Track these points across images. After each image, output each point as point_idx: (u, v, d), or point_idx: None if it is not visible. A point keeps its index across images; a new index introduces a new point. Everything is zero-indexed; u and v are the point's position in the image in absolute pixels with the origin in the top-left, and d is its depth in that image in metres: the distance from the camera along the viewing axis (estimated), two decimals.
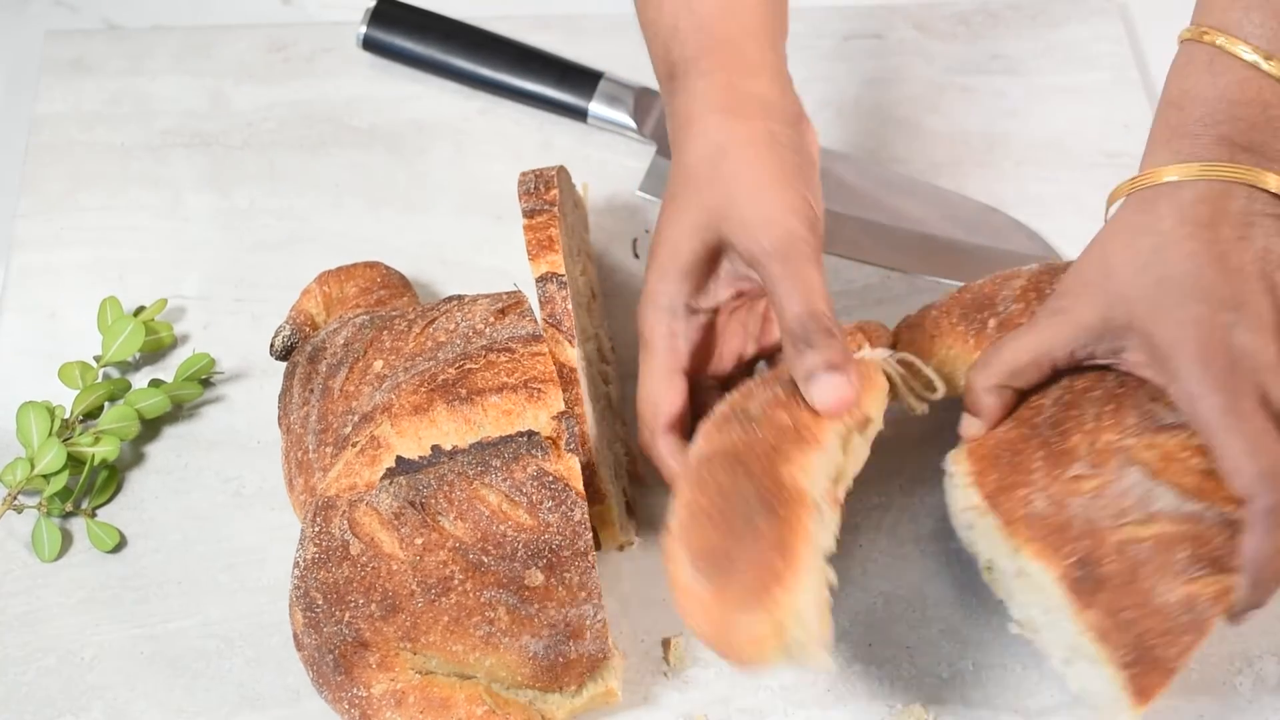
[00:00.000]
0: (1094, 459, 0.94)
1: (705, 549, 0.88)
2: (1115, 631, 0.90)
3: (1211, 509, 0.91)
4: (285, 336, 1.10)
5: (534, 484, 0.94)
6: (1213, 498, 0.91)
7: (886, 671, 1.02)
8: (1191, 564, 0.90)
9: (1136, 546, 0.91)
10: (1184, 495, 0.91)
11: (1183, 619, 0.90)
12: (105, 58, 1.34)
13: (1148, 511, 0.91)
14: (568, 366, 1.01)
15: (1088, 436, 0.95)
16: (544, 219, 1.06)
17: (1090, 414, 0.96)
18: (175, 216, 1.25)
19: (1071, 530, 0.92)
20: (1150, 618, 0.90)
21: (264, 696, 1.02)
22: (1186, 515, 0.91)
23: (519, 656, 0.94)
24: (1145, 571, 0.90)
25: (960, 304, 1.07)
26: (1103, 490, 0.93)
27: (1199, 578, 0.90)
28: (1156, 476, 0.92)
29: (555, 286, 1.03)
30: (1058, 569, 0.92)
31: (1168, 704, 1.00)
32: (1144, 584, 0.90)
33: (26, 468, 1.07)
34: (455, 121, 1.31)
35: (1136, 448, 0.93)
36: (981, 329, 1.05)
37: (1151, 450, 0.93)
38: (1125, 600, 0.90)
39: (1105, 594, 0.91)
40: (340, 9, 1.39)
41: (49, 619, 1.05)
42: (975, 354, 1.04)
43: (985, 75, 1.33)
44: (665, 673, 1.03)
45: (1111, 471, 0.93)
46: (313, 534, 0.96)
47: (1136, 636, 0.90)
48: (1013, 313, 1.05)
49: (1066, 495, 0.93)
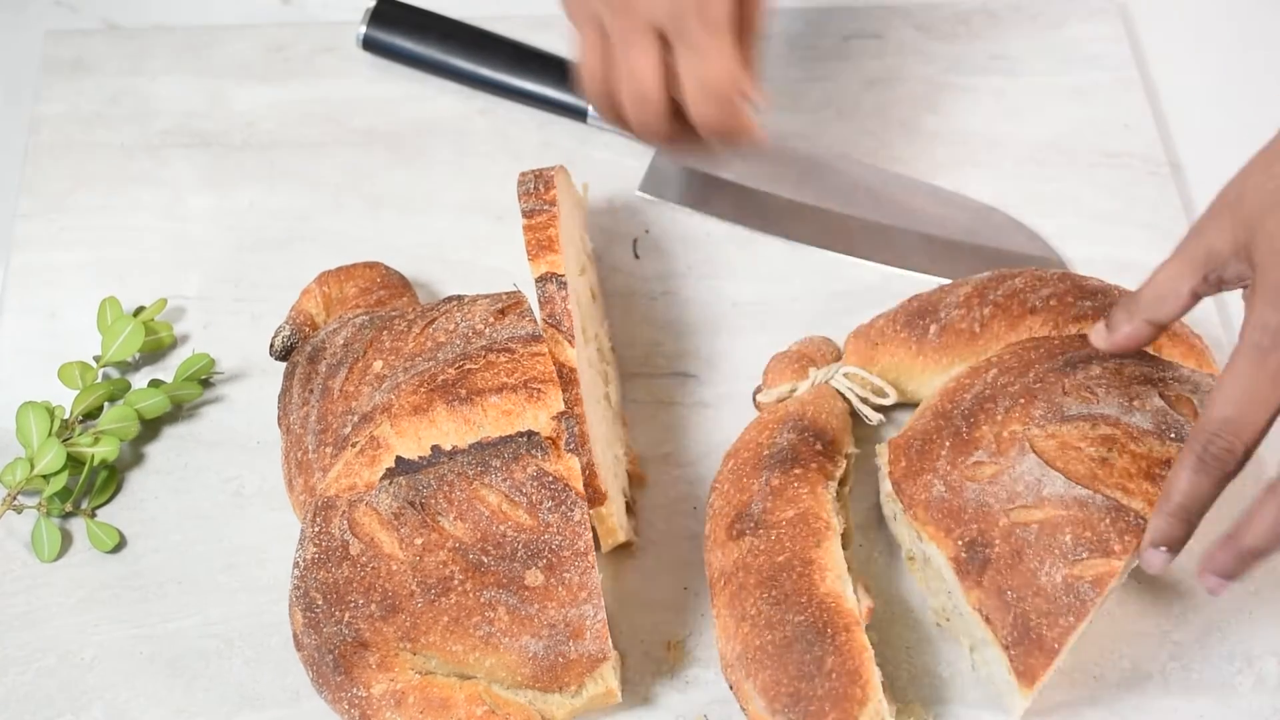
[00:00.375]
0: (996, 447, 0.97)
1: (780, 694, 0.94)
2: (999, 611, 0.94)
3: (1098, 495, 0.93)
4: (285, 336, 1.10)
5: (534, 484, 0.94)
6: (1102, 485, 0.94)
7: (886, 672, 1.02)
8: (1075, 547, 0.93)
9: (1024, 529, 0.94)
10: (1073, 481, 0.94)
11: (1064, 600, 0.92)
12: (105, 58, 1.34)
13: (1038, 496, 0.94)
14: (567, 366, 1.01)
15: (995, 427, 0.98)
16: (544, 219, 1.06)
17: (1003, 406, 0.99)
18: (175, 216, 1.25)
19: (965, 514, 0.96)
20: (1033, 598, 0.93)
21: (264, 696, 1.02)
22: (1074, 500, 0.94)
23: (519, 656, 0.94)
24: (1030, 553, 0.94)
25: (906, 311, 1.10)
26: (998, 476, 0.96)
27: (1081, 560, 0.93)
28: (1051, 464, 0.95)
29: (555, 286, 1.03)
30: (950, 550, 0.96)
31: (1168, 704, 1.01)
32: (1028, 565, 0.93)
33: (26, 468, 1.07)
34: (455, 121, 1.31)
35: (1037, 437, 0.96)
36: (923, 335, 1.08)
37: (1051, 440, 0.96)
38: (1010, 580, 0.94)
39: (991, 574, 0.94)
40: (340, 9, 1.39)
41: (49, 619, 1.05)
42: (917, 360, 1.08)
43: (985, 75, 1.33)
44: (665, 673, 1.03)
45: (1010, 459, 0.96)
46: (313, 534, 0.96)
47: (1019, 616, 0.93)
48: (954, 318, 1.08)
49: (964, 481, 0.97)
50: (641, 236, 1.24)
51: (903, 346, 1.09)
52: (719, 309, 1.20)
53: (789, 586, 0.97)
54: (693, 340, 1.18)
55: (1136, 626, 1.04)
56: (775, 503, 1.01)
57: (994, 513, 0.96)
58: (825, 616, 0.96)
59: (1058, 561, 0.93)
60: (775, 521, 1.00)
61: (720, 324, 1.19)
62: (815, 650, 0.95)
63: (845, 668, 0.94)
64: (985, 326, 1.07)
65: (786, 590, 0.97)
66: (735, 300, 1.20)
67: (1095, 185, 1.26)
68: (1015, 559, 0.94)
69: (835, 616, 0.96)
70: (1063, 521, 0.94)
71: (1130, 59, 1.33)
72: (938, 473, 0.99)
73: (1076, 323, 1.05)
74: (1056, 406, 0.97)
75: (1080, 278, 1.09)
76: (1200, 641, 1.03)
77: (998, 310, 1.07)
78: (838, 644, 0.95)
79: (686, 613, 1.05)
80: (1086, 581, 0.93)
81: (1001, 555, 0.95)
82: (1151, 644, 1.03)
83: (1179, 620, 1.04)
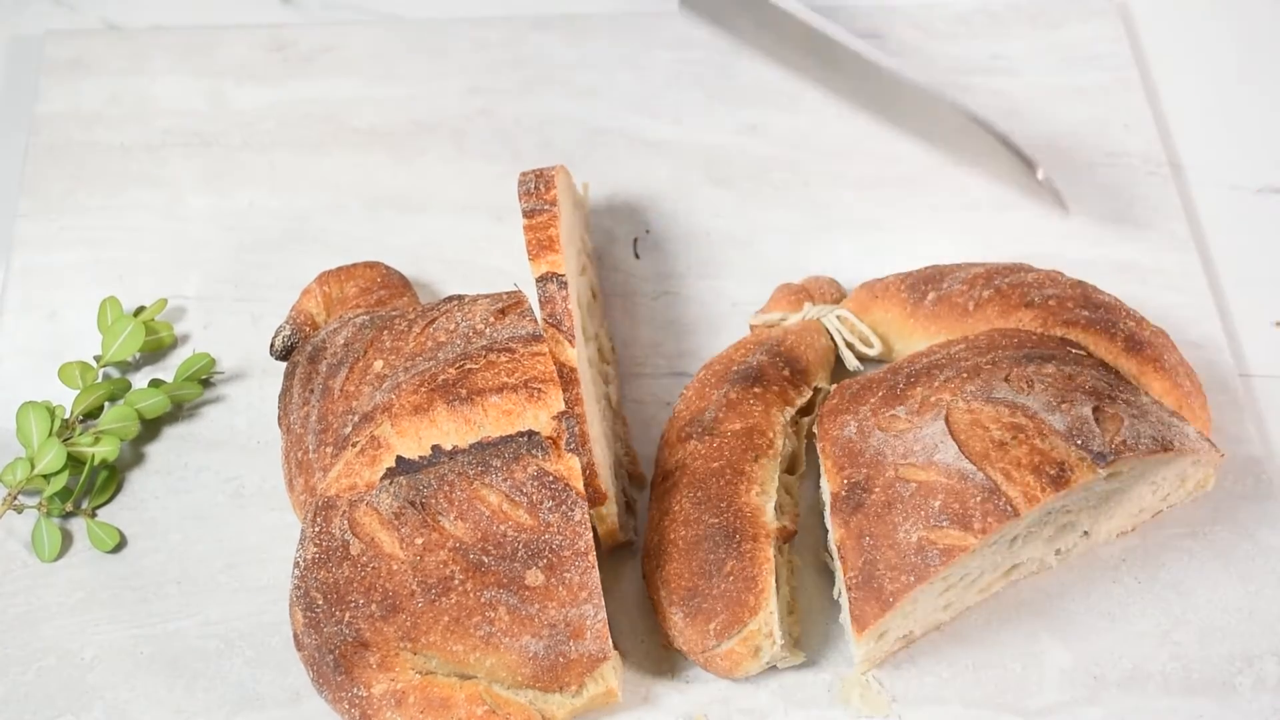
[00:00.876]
0: (918, 407, 1.00)
1: (680, 586, 1.00)
2: (854, 554, 0.97)
3: (980, 473, 0.96)
4: (285, 336, 1.10)
5: (534, 484, 0.94)
6: (989, 465, 0.96)
7: (886, 671, 1.02)
8: (940, 514, 0.95)
9: (903, 485, 0.98)
10: (964, 455, 0.96)
11: (911, 560, 0.96)
12: (105, 58, 1.34)
13: (929, 459, 0.97)
14: (568, 366, 1.01)
15: (928, 390, 1.01)
16: (544, 219, 1.06)
17: (943, 376, 1.01)
18: (175, 216, 1.25)
19: (861, 457, 1.00)
20: (886, 550, 0.97)
21: (264, 696, 1.02)
22: (957, 471, 0.96)
23: (519, 656, 0.94)
24: (899, 508, 0.97)
25: (915, 275, 1.13)
26: (905, 433, 0.99)
27: (940, 528, 0.95)
28: (954, 433, 0.97)
29: (555, 286, 1.03)
30: (834, 485, 1.00)
31: (1168, 704, 1.01)
32: (894, 519, 0.97)
33: (26, 468, 1.07)
34: (455, 121, 1.31)
35: (956, 408, 0.99)
36: (920, 300, 1.11)
37: (966, 414, 0.98)
38: (872, 528, 0.98)
39: (859, 518, 0.98)
40: (340, 9, 1.39)
41: (49, 619, 1.05)
42: (909, 321, 1.11)
43: (985, 75, 1.33)
44: (665, 673, 1.03)
45: (923, 420, 0.99)
46: (313, 534, 0.96)
47: (868, 563, 0.96)
48: (953, 292, 1.10)
49: (875, 428, 1.00)
50: (642, 236, 1.24)
51: (899, 305, 1.12)
52: (719, 309, 1.20)
53: (714, 490, 1.02)
54: (693, 340, 1.18)
55: (1136, 627, 1.04)
56: (727, 414, 1.05)
57: (886, 463, 0.99)
58: (739, 524, 1.00)
59: (920, 523, 0.96)
60: (722, 431, 1.04)
61: (720, 324, 1.19)
62: (720, 552, 0.99)
63: (744, 574, 0.99)
64: (979, 307, 1.09)
65: (712, 493, 1.02)
66: (735, 300, 1.20)
67: (1095, 185, 1.26)
68: (885, 510, 0.97)
69: (748, 525, 1.00)
70: (939, 488, 0.96)
71: (1130, 59, 1.33)
72: (857, 415, 1.02)
73: (1065, 327, 1.07)
74: (988, 387, 0.99)
75: (1093, 289, 1.10)
76: (1200, 641, 1.03)
77: (996, 295, 1.09)
78: (742, 550, 0.99)
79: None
80: (938, 549, 0.95)
81: (875, 503, 0.98)
82: (1151, 644, 1.03)
83: (1179, 620, 1.04)
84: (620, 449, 1.10)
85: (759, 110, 1.30)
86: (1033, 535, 1.01)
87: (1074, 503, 1.00)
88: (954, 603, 1.02)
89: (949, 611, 1.02)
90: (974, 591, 1.02)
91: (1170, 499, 1.06)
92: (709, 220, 1.25)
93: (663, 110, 1.31)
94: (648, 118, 1.30)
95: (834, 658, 1.03)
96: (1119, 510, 1.03)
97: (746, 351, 1.10)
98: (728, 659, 0.99)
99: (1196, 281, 1.20)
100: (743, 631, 0.98)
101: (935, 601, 1.00)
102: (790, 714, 1.01)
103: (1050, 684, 1.02)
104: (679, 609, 0.99)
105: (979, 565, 0.99)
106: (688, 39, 1.35)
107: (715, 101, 1.32)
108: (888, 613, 0.96)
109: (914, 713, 1.01)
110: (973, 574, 1.00)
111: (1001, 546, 0.99)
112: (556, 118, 1.30)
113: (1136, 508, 1.04)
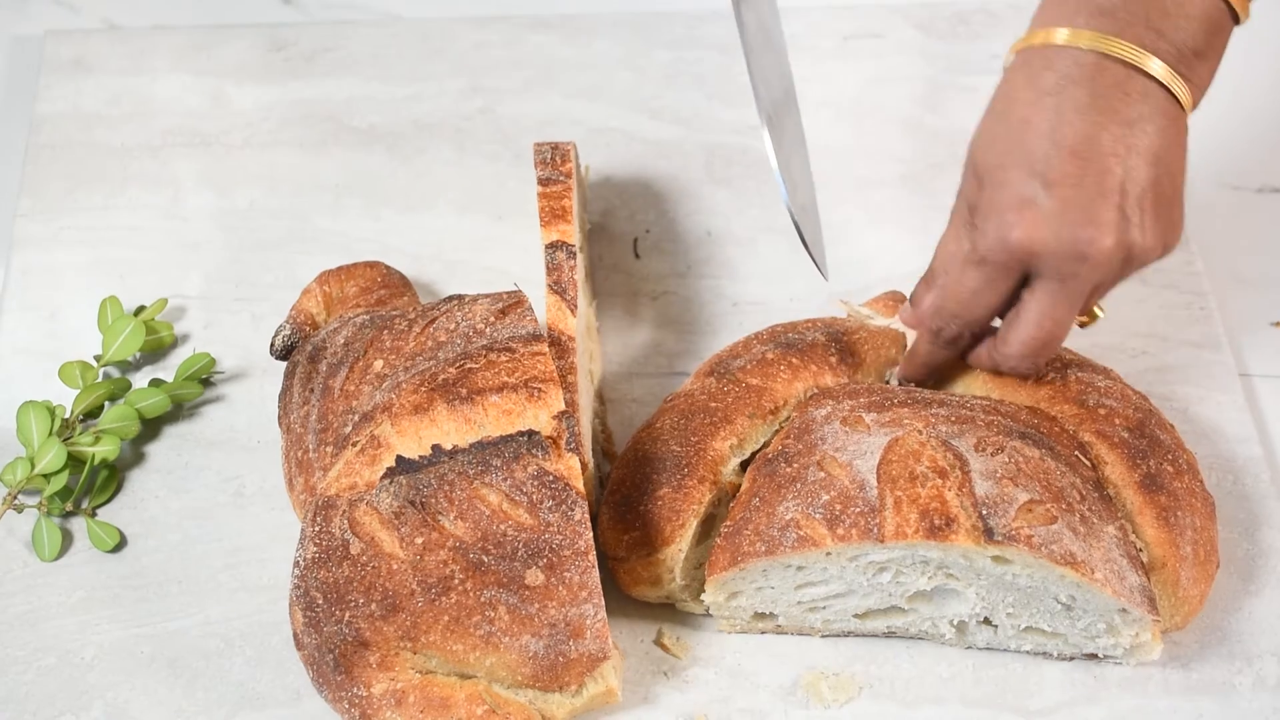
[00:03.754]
0: (886, 422, 1.01)
1: (619, 489, 1.03)
2: (740, 506, 1.01)
3: (875, 491, 0.97)
4: (285, 336, 1.10)
5: (534, 483, 0.94)
6: (889, 489, 0.97)
7: (886, 671, 1.02)
8: (819, 506, 0.98)
9: (814, 471, 0.99)
10: (877, 470, 0.98)
11: (771, 532, 0.98)
12: (105, 58, 1.34)
13: (850, 461, 0.98)
14: (566, 335, 1.02)
15: (910, 414, 1.01)
16: (558, 189, 1.09)
17: (935, 411, 1.02)
18: (175, 216, 1.25)
19: (808, 436, 1.02)
20: (762, 514, 0.99)
21: (264, 696, 1.02)
22: (861, 482, 0.97)
23: (519, 656, 0.94)
24: (795, 488, 0.99)
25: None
26: (854, 434, 1.00)
27: (811, 518, 0.97)
28: (886, 451, 0.99)
29: (564, 255, 1.05)
30: (771, 448, 1.03)
31: (1168, 704, 1.01)
32: (785, 492, 0.99)
33: (27, 467, 1.07)
34: (455, 121, 1.31)
35: (912, 434, 0.99)
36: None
37: (915, 443, 0.99)
38: (767, 492, 1.00)
39: (764, 479, 1.01)
40: (340, 9, 1.39)
41: (49, 619, 1.05)
42: (974, 370, 1.09)
43: (985, 75, 1.33)
44: (665, 672, 1.03)
45: (878, 431, 1.00)
46: (313, 533, 0.96)
47: (744, 519, 1.00)
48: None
49: (840, 421, 1.02)
50: (642, 236, 1.24)
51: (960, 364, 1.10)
52: (719, 309, 1.20)
53: (695, 424, 1.04)
54: (693, 340, 1.18)
55: None
56: (754, 368, 1.07)
57: (818, 449, 1.00)
58: (695, 461, 1.02)
59: (801, 506, 0.98)
60: (738, 379, 1.07)
61: (720, 324, 1.19)
62: (663, 476, 1.02)
63: (673, 505, 1.01)
64: (1039, 385, 1.07)
65: (692, 425, 1.04)
66: (735, 300, 1.20)
67: None
68: (787, 483, 1.00)
69: (703, 467, 1.02)
70: (836, 487, 0.98)
71: None
72: (838, 406, 1.03)
73: (1097, 437, 1.04)
74: (958, 435, 0.99)
75: (1156, 420, 1.06)
76: (1200, 641, 1.03)
77: (1060, 382, 1.07)
78: (684, 485, 1.02)
79: (687, 612, 1.05)
80: (797, 534, 0.97)
81: (784, 475, 1.00)
82: None
83: None
84: (598, 425, 1.11)
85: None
86: (905, 581, 0.99)
87: (957, 570, 0.97)
88: (824, 612, 1.01)
89: (821, 620, 1.02)
90: (849, 615, 1.02)
91: (1103, 646, 1.00)
92: (709, 220, 1.25)
93: (663, 110, 1.31)
94: (648, 118, 1.30)
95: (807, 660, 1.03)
96: (1024, 612, 0.99)
97: (810, 326, 1.11)
98: (629, 575, 1.02)
99: (1196, 281, 1.20)
100: (650, 556, 1.00)
101: (793, 594, 1.00)
102: (790, 714, 1.01)
103: (1050, 684, 1.02)
104: (609, 509, 1.03)
105: (839, 578, 0.99)
106: (688, 39, 1.35)
107: (715, 101, 1.32)
108: (731, 570, 0.98)
109: (914, 713, 1.01)
110: (834, 586, 0.99)
111: (864, 571, 0.98)
112: (556, 118, 1.30)
113: (1049, 624, 1.00)
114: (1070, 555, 0.95)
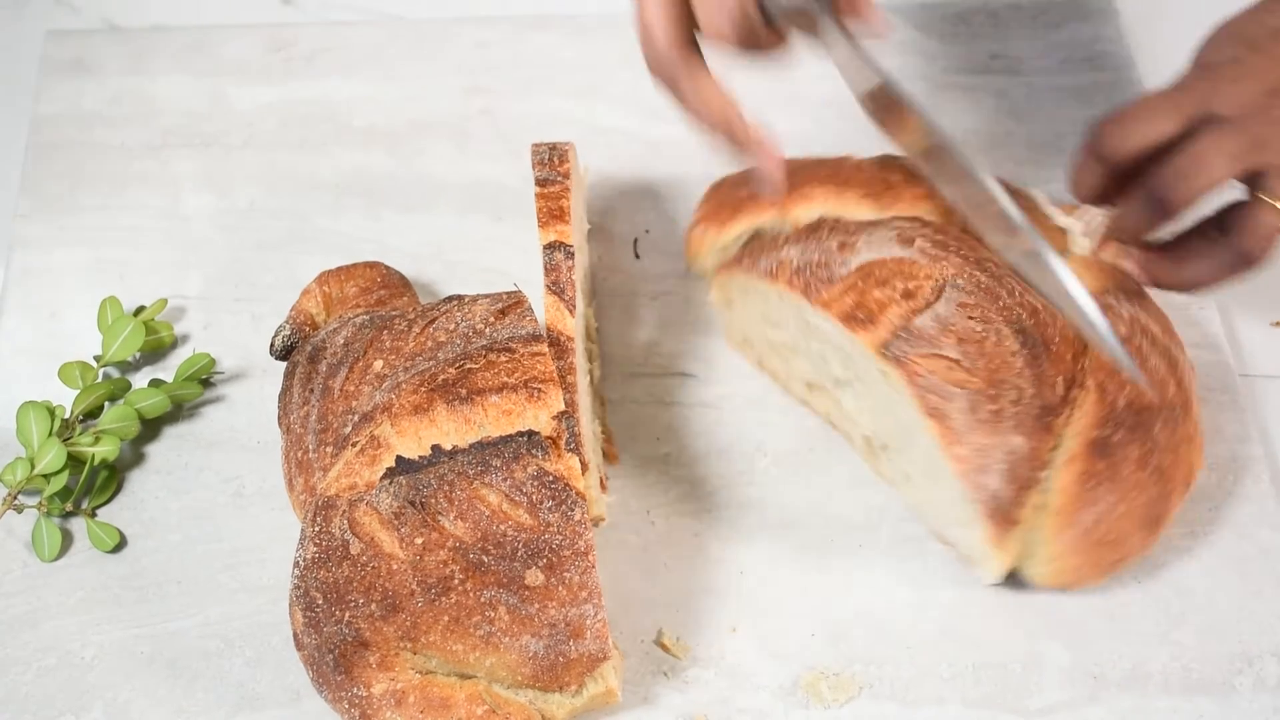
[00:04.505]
0: (933, 254, 1.03)
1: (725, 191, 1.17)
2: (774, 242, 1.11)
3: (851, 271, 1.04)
4: (285, 336, 1.10)
5: (534, 484, 0.94)
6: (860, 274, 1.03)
7: (886, 671, 1.02)
8: (805, 261, 1.06)
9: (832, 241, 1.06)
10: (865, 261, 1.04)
11: (763, 260, 1.08)
12: (105, 58, 1.34)
13: (864, 249, 1.05)
14: (565, 335, 1.02)
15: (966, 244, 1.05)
16: (556, 189, 1.09)
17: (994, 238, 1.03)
18: (175, 216, 1.25)
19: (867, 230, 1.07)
20: (773, 249, 1.09)
21: (264, 696, 1.02)
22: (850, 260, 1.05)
23: (519, 656, 0.94)
24: (812, 239, 1.07)
25: None
26: (904, 246, 1.04)
27: (790, 263, 1.06)
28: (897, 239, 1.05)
29: (562, 255, 1.05)
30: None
31: (1168, 704, 1.01)
32: (806, 242, 1.07)
33: (26, 468, 1.07)
34: (455, 121, 1.31)
35: (948, 263, 1.03)
36: None
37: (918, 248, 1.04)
38: (797, 236, 1.09)
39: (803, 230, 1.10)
40: (340, 9, 1.39)
41: (49, 619, 1.05)
42: None
43: (985, 75, 1.33)
44: (665, 672, 1.03)
45: (921, 249, 1.03)
46: (313, 534, 0.96)
47: (762, 247, 1.11)
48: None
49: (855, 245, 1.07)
50: (642, 236, 1.24)
51: None
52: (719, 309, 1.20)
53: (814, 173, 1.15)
54: (693, 340, 1.18)
55: (1137, 627, 1.04)
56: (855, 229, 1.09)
57: (860, 237, 1.05)
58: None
59: (798, 252, 1.06)
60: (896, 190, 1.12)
61: (720, 324, 1.19)
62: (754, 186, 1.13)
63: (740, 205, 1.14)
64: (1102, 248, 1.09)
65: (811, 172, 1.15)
66: None
67: None
68: (810, 237, 1.08)
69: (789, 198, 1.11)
70: (830, 256, 1.05)
71: (1130, 59, 1.33)
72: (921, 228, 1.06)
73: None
74: (968, 293, 1.01)
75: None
76: (1200, 641, 1.03)
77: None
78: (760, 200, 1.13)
79: (688, 612, 1.05)
80: (771, 265, 1.07)
81: (819, 234, 1.08)
82: (1151, 644, 1.03)
83: (1179, 620, 1.04)
84: (597, 426, 1.11)
85: (759, 110, 1.30)
86: (830, 362, 1.06)
87: (859, 373, 1.04)
88: (785, 364, 1.12)
89: (783, 370, 1.12)
90: (801, 381, 1.11)
91: (955, 537, 1.03)
92: None
93: (663, 110, 1.31)
94: (648, 118, 1.30)
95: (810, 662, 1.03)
96: (904, 456, 1.04)
97: None
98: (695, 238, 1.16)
99: None
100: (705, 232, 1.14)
101: (765, 329, 1.11)
102: (790, 714, 1.01)
103: (1050, 684, 1.02)
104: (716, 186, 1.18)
105: (790, 329, 1.08)
106: None
107: None
108: (723, 273, 1.12)
109: (914, 713, 1.01)
110: (787, 335, 1.09)
111: (805, 333, 1.07)
112: (556, 118, 1.30)
113: (922, 477, 1.03)
114: (942, 414, 0.96)
